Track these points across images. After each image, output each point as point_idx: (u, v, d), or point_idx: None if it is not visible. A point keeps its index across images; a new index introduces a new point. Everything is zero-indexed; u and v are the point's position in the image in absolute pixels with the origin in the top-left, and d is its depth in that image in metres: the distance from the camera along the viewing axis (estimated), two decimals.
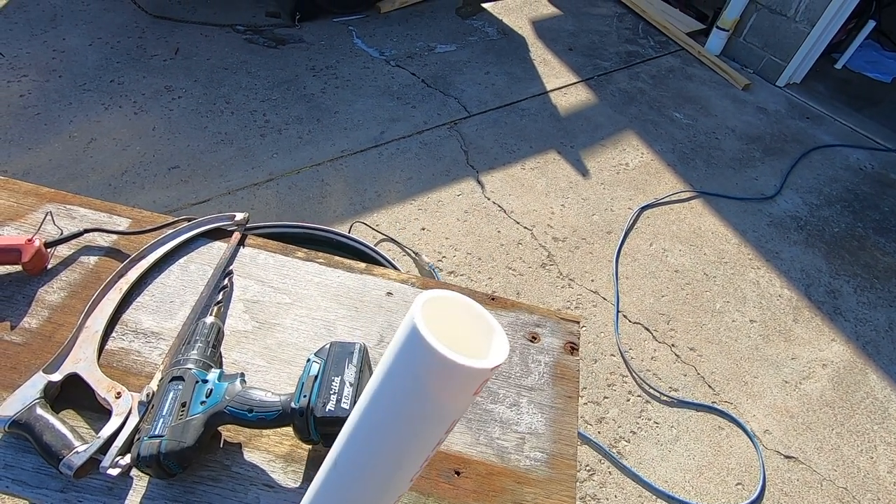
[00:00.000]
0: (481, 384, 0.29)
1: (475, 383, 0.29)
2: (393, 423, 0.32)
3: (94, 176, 1.90)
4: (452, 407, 0.30)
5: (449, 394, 0.29)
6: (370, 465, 0.34)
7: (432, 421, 0.31)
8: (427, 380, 0.29)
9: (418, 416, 0.30)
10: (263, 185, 1.97)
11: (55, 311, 0.66)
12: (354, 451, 0.35)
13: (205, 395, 0.55)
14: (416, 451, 0.33)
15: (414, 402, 0.30)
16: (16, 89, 2.17)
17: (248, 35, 2.66)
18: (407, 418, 0.31)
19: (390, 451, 0.33)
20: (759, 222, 2.19)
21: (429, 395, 0.29)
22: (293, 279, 0.74)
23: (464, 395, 0.30)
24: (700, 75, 2.95)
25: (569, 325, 0.75)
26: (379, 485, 0.35)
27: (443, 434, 0.32)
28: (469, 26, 3.00)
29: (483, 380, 0.29)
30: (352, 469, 0.35)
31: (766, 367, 1.72)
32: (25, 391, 0.56)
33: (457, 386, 0.29)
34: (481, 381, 0.29)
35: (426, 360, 0.28)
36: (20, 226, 0.74)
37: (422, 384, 0.29)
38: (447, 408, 0.30)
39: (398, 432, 0.32)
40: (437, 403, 0.30)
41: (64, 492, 0.53)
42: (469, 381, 0.29)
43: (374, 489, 0.35)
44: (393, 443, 0.32)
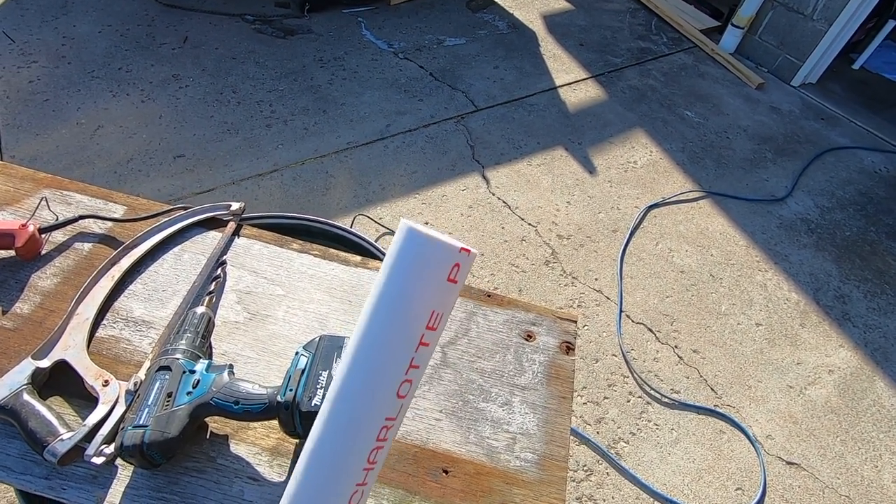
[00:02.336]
0: (453, 269, 0.30)
1: (448, 262, 0.30)
2: (378, 325, 0.31)
3: (100, 163, 1.91)
4: (430, 295, 0.30)
5: (429, 274, 0.30)
6: (360, 387, 0.32)
7: (414, 310, 0.31)
8: (410, 263, 0.30)
9: (400, 304, 0.31)
10: (268, 175, 1.97)
11: (47, 296, 0.66)
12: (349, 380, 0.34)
13: (191, 385, 0.55)
14: (401, 354, 0.32)
15: (395, 289, 0.30)
16: (25, 75, 2.18)
17: (257, 25, 2.65)
18: (390, 311, 0.31)
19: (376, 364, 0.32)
20: (768, 224, 2.15)
21: (410, 277, 0.30)
22: (287, 270, 0.73)
23: (439, 277, 0.30)
24: (713, 73, 2.90)
25: (565, 325, 0.74)
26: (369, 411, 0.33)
27: (420, 344, 0.32)
28: (479, 20, 2.97)
29: (453, 263, 0.30)
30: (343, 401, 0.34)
31: (771, 371, 1.69)
32: (13, 377, 0.55)
33: (435, 264, 0.30)
34: (452, 262, 0.30)
35: (409, 245, 0.30)
36: (15, 211, 0.74)
37: (405, 270, 0.31)
38: (426, 295, 0.30)
39: (384, 333, 0.31)
40: (418, 287, 0.30)
41: (48, 479, 0.52)
42: (444, 258, 0.30)
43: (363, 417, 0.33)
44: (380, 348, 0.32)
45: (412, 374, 0.31)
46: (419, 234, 0.30)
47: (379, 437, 0.31)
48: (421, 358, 0.31)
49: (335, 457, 0.30)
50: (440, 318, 0.31)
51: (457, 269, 0.30)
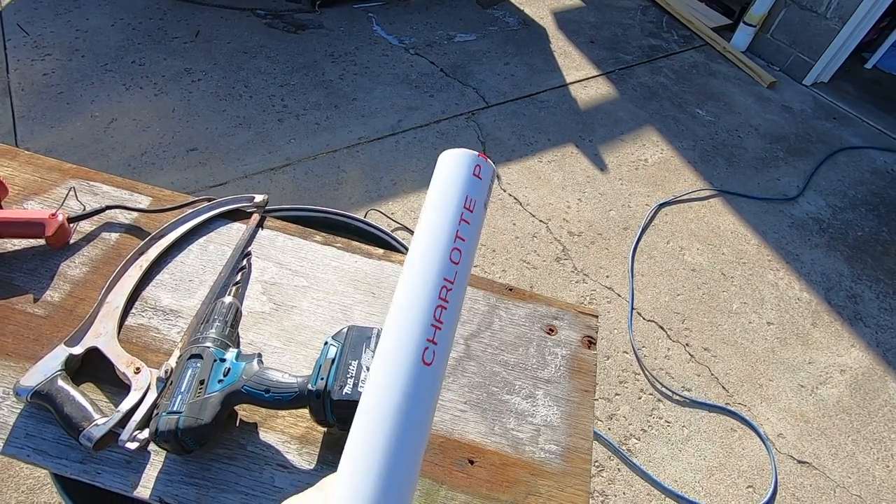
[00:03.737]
0: (476, 167, 0.40)
1: (471, 161, 0.40)
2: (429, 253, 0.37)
3: (115, 156, 1.92)
4: (462, 182, 0.39)
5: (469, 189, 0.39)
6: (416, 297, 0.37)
7: (452, 194, 0.39)
8: (443, 166, 0.40)
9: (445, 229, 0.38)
10: (280, 170, 1.97)
11: (77, 285, 0.66)
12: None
13: (223, 373, 0.55)
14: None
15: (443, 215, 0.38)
16: (39, 68, 2.20)
17: (269, 19, 2.66)
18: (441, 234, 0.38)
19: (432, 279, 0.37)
20: (779, 223, 2.14)
21: (445, 173, 0.39)
22: (311, 262, 0.74)
23: (466, 170, 0.39)
24: (724, 72, 2.88)
25: (587, 319, 0.74)
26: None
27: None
28: (490, 16, 2.97)
29: (475, 163, 0.40)
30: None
31: (782, 370, 1.69)
32: (47, 363, 0.56)
33: (460, 162, 0.39)
34: (474, 162, 0.40)
35: (442, 157, 0.40)
36: (43, 200, 0.75)
37: (440, 172, 0.40)
38: (458, 182, 0.39)
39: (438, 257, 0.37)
40: (451, 178, 0.39)
41: (83, 463, 0.53)
42: (466, 159, 0.40)
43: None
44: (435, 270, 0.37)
45: (459, 244, 0.38)
46: (450, 151, 0.41)
47: (440, 296, 0.36)
48: (464, 231, 0.38)
49: (407, 310, 0.35)
50: (474, 204, 0.39)
51: (479, 168, 0.40)
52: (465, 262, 0.38)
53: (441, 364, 0.35)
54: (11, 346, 0.60)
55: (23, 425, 0.55)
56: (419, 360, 0.33)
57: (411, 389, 0.33)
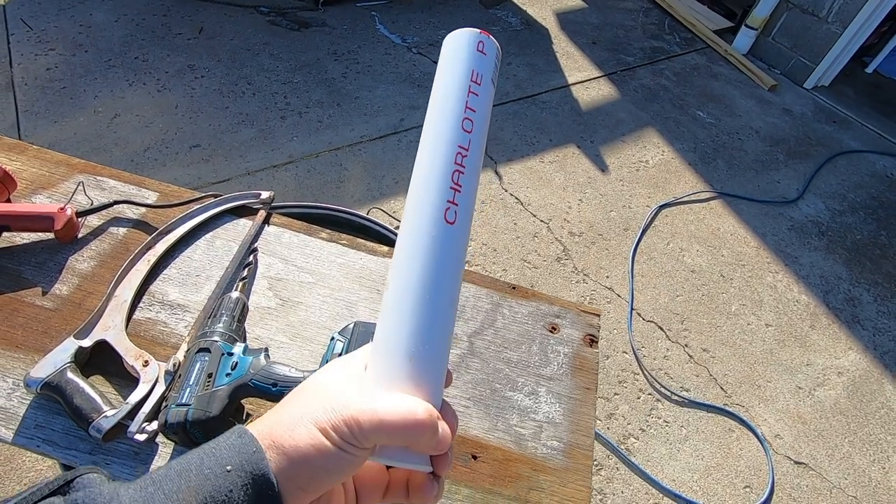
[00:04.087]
0: (479, 43, 0.40)
1: (474, 38, 0.40)
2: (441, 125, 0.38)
3: (118, 151, 1.92)
4: (467, 57, 0.39)
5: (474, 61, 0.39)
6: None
7: (460, 67, 0.39)
8: (448, 43, 0.40)
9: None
10: (282, 167, 1.98)
11: (85, 279, 0.67)
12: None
13: (230, 367, 0.56)
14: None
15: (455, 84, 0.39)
16: (43, 62, 2.20)
17: (272, 17, 2.66)
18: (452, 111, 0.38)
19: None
20: (779, 226, 2.16)
21: (450, 49, 0.40)
22: (316, 259, 0.75)
23: (470, 46, 0.39)
24: (725, 74, 2.89)
25: (589, 318, 0.75)
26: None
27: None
28: (492, 16, 2.97)
29: (478, 40, 0.40)
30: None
31: (780, 371, 1.70)
32: (57, 355, 0.57)
33: (464, 39, 0.40)
34: (476, 39, 0.40)
35: (448, 37, 0.40)
36: (51, 195, 0.75)
37: (446, 48, 0.40)
38: (464, 57, 0.39)
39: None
40: (457, 53, 0.39)
41: (92, 454, 0.54)
42: (469, 36, 0.40)
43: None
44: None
45: (469, 114, 0.38)
46: (454, 32, 0.41)
47: (456, 161, 0.36)
48: (474, 102, 0.38)
49: (425, 176, 0.37)
50: (481, 77, 0.39)
51: (481, 44, 0.40)
52: (478, 132, 0.39)
53: (464, 225, 0.36)
54: (21, 338, 0.61)
55: (32, 416, 0.55)
56: (442, 219, 0.35)
57: (437, 246, 0.34)
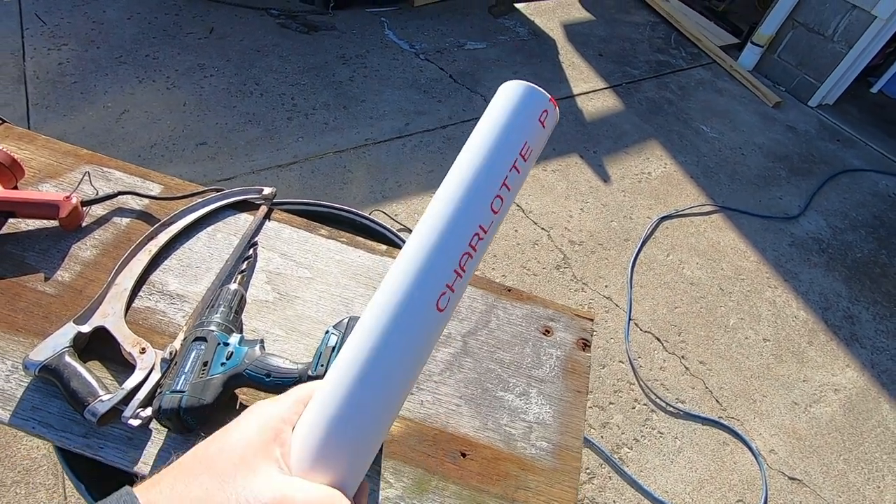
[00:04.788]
0: (543, 112, 0.36)
1: (541, 104, 0.36)
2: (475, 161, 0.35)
3: (125, 146, 1.94)
4: (526, 124, 0.35)
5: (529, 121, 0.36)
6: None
7: (513, 134, 0.35)
8: (511, 97, 0.36)
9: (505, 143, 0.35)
10: (287, 167, 2.00)
11: (87, 266, 0.68)
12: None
13: (225, 356, 0.57)
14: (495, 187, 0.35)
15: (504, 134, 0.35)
16: (55, 57, 2.23)
17: (282, 19, 2.69)
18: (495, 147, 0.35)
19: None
20: (779, 241, 2.16)
21: (511, 106, 0.36)
22: (315, 255, 0.76)
23: (533, 113, 0.36)
24: (730, 90, 2.91)
25: (582, 322, 0.76)
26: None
27: (514, 184, 0.35)
28: (500, 25, 3.00)
29: (543, 108, 0.36)
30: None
31: (777, 386, 1.70)
32: (56, 339, 0.58)
33: (530, 101, 0.36)
34: (543, 106, 0.36)
35: (511, 87, 0.36)
36: (58, 184, 0.77)
37: (507, 101, 0.36)
38: (522, 123, 0.35)
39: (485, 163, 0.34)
40: (517, 114, 0.36)
41: (86, 437, 0.55)
42: (538, 99, 0.36)
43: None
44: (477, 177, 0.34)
45: (503, 192, 0.34)
46: (516, 83, 0.36)
47: (471, 244, 0.33)
48: (512, 181, 0.34)
49: (434, 249, 0.32)
50: (530, 152, 0.35)
51: (546, 114, 0.36)
52: (503, 212, 0.35)
53: (450, 312, 0.33)
54: (22, 321, 0.62)
55: (30, 398, 0.56)
56: (434, 305, 0.31)
57: (415, 331, 0.31)
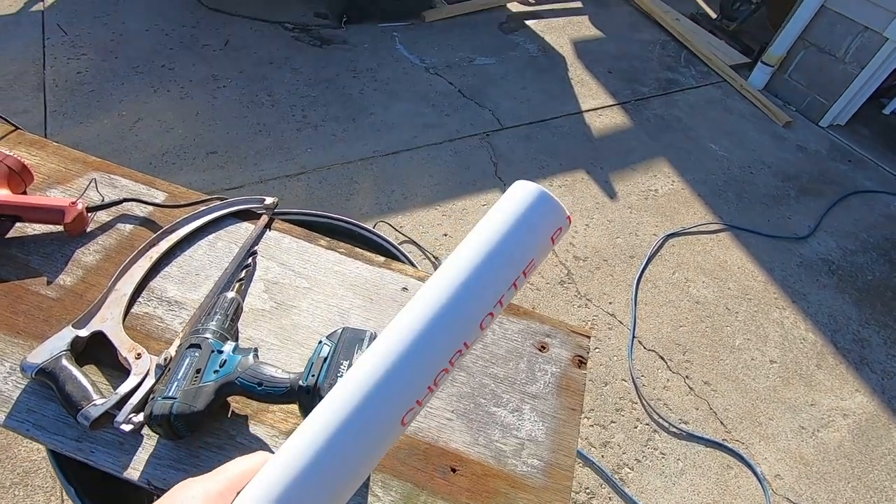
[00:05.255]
0: (557, 231, 0.33)
1: (557, 220, 0.33)
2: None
3: (137, 154, 1.98)
4: (536, 242, 0.32)
5: (539, 226, 0.32)
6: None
7: (520, 251, 0.32)
8: (529, 208, 0.32)
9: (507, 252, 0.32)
10: (295, 177, 2.02)
11: (89, 271, 0.69)
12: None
13: (219, 364, 0.57)
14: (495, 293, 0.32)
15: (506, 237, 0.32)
16: (74, 66, 2.29)
17: (296, 33, 2.75)
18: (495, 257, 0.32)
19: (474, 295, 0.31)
20: (788, 262, 2.13)
21: (526, 218, 0.32)
22: (314, 265, 0.76)
23: (547, 230, 0.32)
24: (740, 108, 2.91)
25: (579, 339, 0.75)
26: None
27: (513, 286, 0.32)
28: (510, 41, 3.03)
29: (559, 225, 0.33)
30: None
31: (783, 410, 1.66)
32: (54, 342, 0.59)
33: (548, 216, 0.32)
34: (559, 223, 0.33)
35: (532, 194, 0.32)
36: (65, 190, 0.78)
37: (523, 211, 0.32)
38: (533, 240, 0.32)
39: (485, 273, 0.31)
40: (530, 230, 0.32)
41: (78, 441, 0.55)
42: (556, 215, 0.33)
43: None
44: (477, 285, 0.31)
45: (496, 309, 0.31)
46: (537, 189, 0.33)
47: (451, 361, 0.30)
48: (507, 298, 0.31)
49: (410, 361, 0.29)
50: (533, 269, 0.32)
51: (559, 232, 0.32)
52: (488, 327, 0.34)
53: (410, 424, 0.30)
54: (22, 324, 0.63)
55: (25, 400, 0.57)
56: (398, 421, 0.29)
57: (376, 444, 0.28)
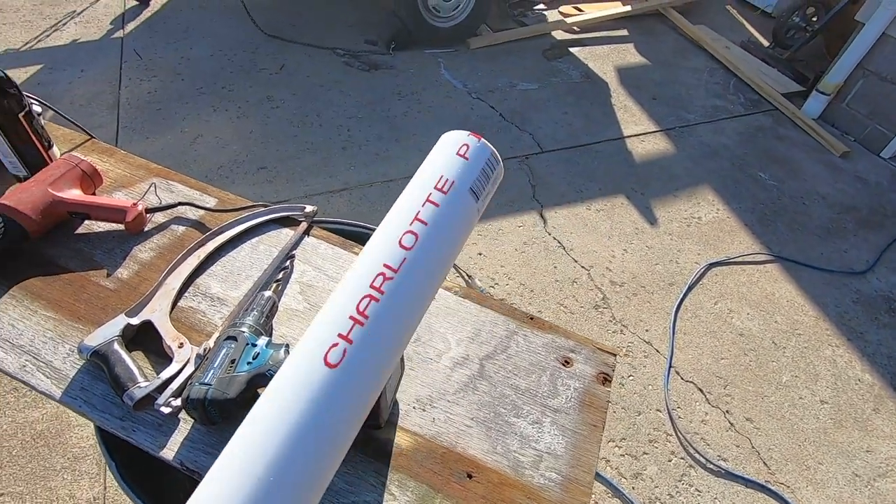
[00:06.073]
0: (462, 147, 0.36)
1: (458, 141, 0.36)
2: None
3: (195, 167, 2.12)
4: (440, 160, 0.36)
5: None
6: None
7: (427, 171, 0.36)
8: (435, 146, 0.37)
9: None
10: (338, 193, 2.10)
11: (144, 266, 0.75)
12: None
13: (252, 356, 0.61)
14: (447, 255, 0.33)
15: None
16: (146, 87, 2.50)
17: (346, 58, 2.89)
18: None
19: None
20: (843, 298, 2.01)
21: (431, 152, 0.37)
22: (347, 271, 0.80)
23: (449, 149, 0.36)
24: (792, 137, 2.81)
25: (604, 356, 0.74)
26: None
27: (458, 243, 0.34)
28: (553, 68, 3.07)
29: (462, 143, 0.36)
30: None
31: (835, 454, 1.55)
32: (108, 328, 0.64)
33: (448, 141, 0.37)
34: (462, 141, 0.36)
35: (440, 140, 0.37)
36: (129, 192, 0.86)
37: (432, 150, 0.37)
38: (437, 159, 0.37)
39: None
40: (433, 155, 0.37)
41: (122, 420, 0.60)
42: (455, 138, 0.37)
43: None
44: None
45: (417, 227, 0.31)
46: (451, 132, 0.37)
47: (373, 285, 0.28)
48: (429, 216, 0.31)
49: (330, 299, 0.28)
50: (451, 185, 0.34)
51: (466, 148, 0.36)
52: (424, 251, 0.30)
53: (359, 370, 0.26)
54: (83, 311, 0.69)
55: (80, 379, 0.62)
56: (320, 360, 0.26)
57: (305, 396, 0.25)
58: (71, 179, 0.79)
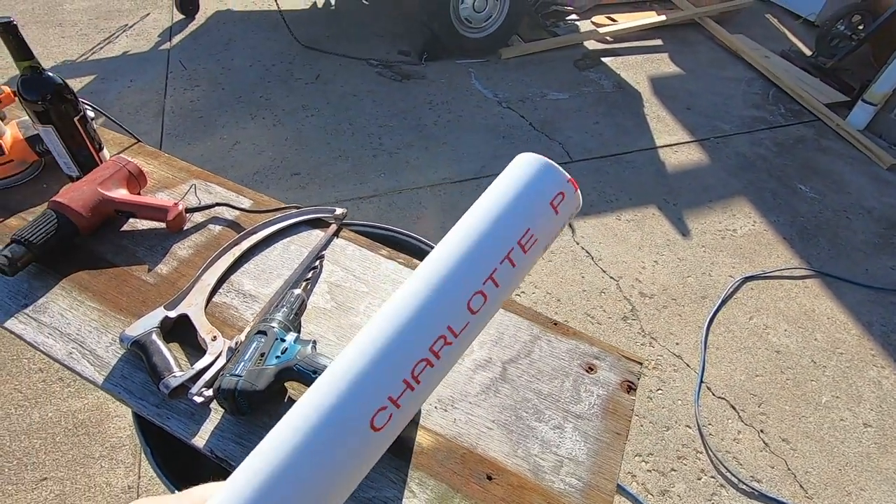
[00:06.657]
0: (557, 196, 0.30)
1: (555, 186, 0.31)
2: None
3: (233, 172, 2.20)
4: (529, 209, 0.30)
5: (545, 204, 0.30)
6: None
7: (510, 218, 0.30)
8: (516, 175, 0.31)
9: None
10: (367, 199, 2.14)
11: (182, 263, 0.79)
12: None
13: (280, 351, 0.63)
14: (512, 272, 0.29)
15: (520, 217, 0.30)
16: (189, 95, 2.61)
17: (379, 69, 2.95)
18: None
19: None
20: (890, 316, 1.92)
21: (513, 185, 0.30)
22: (374, 272, 0.81)
23: (542, 196, 0.30)
24: (836, 149, 2.70)
25: (630, 365, 0.74)
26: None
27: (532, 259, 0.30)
28: (585, 77, 3.06)
29: (559, 190, 0.30)
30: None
31: (879, 481, 1.47)
32: (148, 320, 0.67)
33: (540, 181, 0.30)
34: (558, 188, 0.30)
35: (520, 161, 0.31)
36: (170, 193, 0.90)
37: (510, 179, 0.31)
38: (525, 208, 0.30)
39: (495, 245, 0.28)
40: (519, 196, 0.30)
41: (158, 407, 0.62)
42: (551, 180, 0.31)
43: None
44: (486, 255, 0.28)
45: (489, 289, 0.27)
46: (531, 155, 0.31)
47: (432, 349, 0.26)
48: (503, 277, 0.27)
49: (379, 350, 0.25)
50: (533, 243, 0.28)
51: (561, 198, 0.29)
52: (486, 312, 0.28)
53: (395, 430, 0.25)
54: (125, 303, 0.73)
55: (120, 367, 0.66)
56: (366, 424, 0.25)
57: (342, 456, 0.25)
58: (119, 180, 0.83)
